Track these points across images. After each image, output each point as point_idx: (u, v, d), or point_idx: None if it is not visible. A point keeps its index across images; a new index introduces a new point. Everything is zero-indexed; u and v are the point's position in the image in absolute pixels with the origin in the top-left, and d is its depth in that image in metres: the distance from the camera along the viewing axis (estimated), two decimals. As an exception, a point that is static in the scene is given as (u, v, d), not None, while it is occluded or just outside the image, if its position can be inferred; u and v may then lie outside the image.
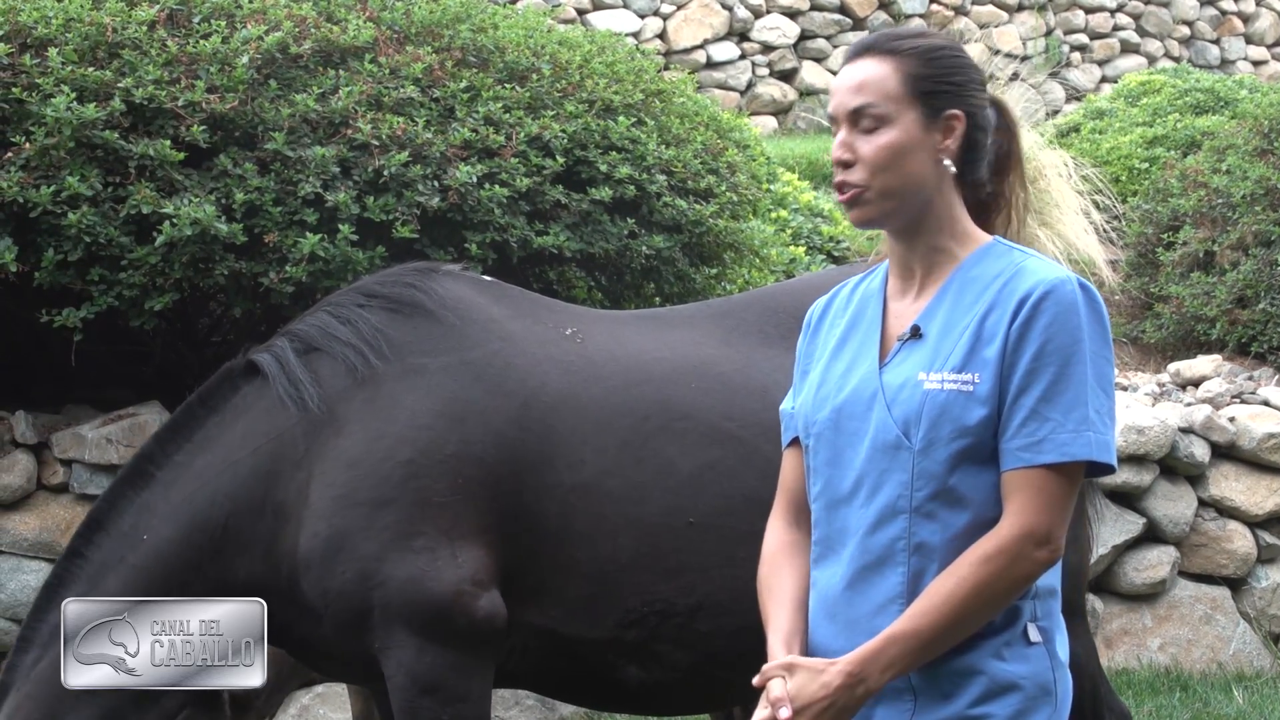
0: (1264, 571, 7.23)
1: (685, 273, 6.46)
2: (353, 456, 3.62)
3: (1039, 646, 2.49)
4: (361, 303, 3.83)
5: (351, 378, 3.69)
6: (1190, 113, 11.77)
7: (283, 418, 3.69)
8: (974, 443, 2.43)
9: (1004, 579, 2.40)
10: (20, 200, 5.08)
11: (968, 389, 2.43)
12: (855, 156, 2.52)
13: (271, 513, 3.67)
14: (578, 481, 3.68)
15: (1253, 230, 9.09)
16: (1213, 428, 7.18)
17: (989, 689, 2.44)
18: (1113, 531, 6.95)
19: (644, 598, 3.70)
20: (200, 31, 5.67)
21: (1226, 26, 16.97)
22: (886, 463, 2.48)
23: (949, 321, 2.50)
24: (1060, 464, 2.41)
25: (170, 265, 5.22)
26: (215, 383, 3.83)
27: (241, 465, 3.71)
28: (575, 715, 6.37)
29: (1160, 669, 6.94)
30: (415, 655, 3.59)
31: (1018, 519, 2.40)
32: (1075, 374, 2.41)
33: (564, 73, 6.34)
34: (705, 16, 14.02)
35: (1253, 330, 9.01)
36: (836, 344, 2.65)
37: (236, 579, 3.69)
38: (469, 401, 3.68)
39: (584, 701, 4.24)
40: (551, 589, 3.70)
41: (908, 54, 2.55)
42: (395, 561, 3.57)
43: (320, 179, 5.38)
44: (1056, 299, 2.42)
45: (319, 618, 3.64)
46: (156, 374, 6.18)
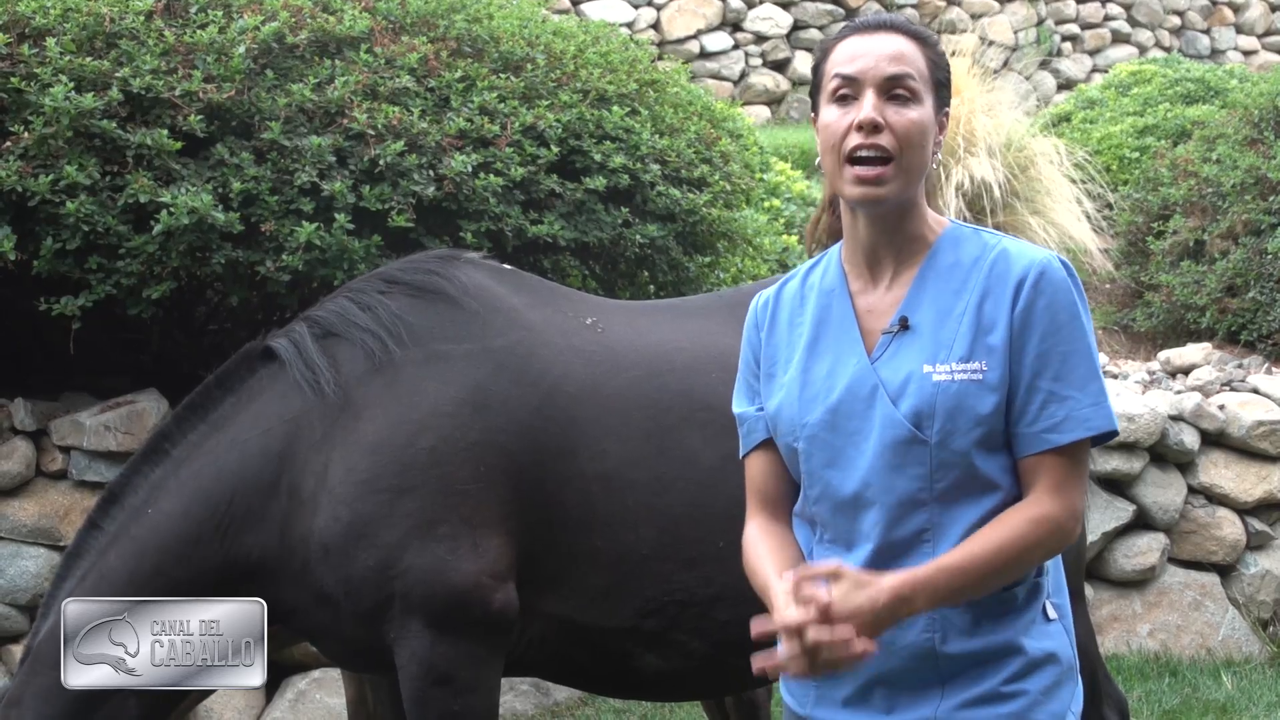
0: (1253, 558, 7.24)
1: (679, 261, 6.46)
2: (374, 442, 3.60)
3: (1058, 623, 2.52)
4: (383, 289, 3.81)
5: (370, 363, 3.67)
6: (1181, 102, 11.78)
7: (298, 401, 3.68)
8: (990, 430, 2.43)
9: (1044, 546, 2.42)
10: (19, 189, 5.08)
11: (978, 377, 2.43)
12: (886, 123, 2.45)
13: (287, 494, 3.65)
14: (600, 471, 3.67)
15: (1242, 219, 9.11)
16: (1202, 415, 7.20)
17: (1022, 666, 2.45)
18: (1103, 518, 6.96)
19: (664, 587, 3.69)
20: (197, 21, 5.67)
21: (1217, 16, 16.97)
22: (899, 458, 2.46)
23: (940, 310, 2.48)
24: (1083, 440, 2.44)
25: (168, 254, 5.22)
26: (233, 365, 3.82)
27: (250, 444, 3.69)
28: (570, 699, 6.38)
29: (1150, 655, 6.96)
30: (430, 645, 3.57)
31: (1058, 496, 2.42)
32: (1082, 349, 2.43)
33: (558, 63, 6.35)
34: (699, 7, 14.01)
35: (1242, 319, 9.02)
36: (808, 344, 2.60)
37: (246, 557, 3.66)
38: (493, 390, 3.67)
39: (598, 689, 4.23)
40: (571, 578, 3.70)
41: (931, 44, 2.56)
42: (417, 550, 3.55)
43: (316, 168, 5.38)
44: (1050, 279, 2.43)
45: (335, 603, 3.62)
46: (154, 362, 6.19)
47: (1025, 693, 2.44)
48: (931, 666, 2.47)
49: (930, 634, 2.46)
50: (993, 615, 2.46)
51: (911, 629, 2.45)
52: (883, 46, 2.50)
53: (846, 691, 2.54)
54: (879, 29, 2.54)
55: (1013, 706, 2.44)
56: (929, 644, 2.46)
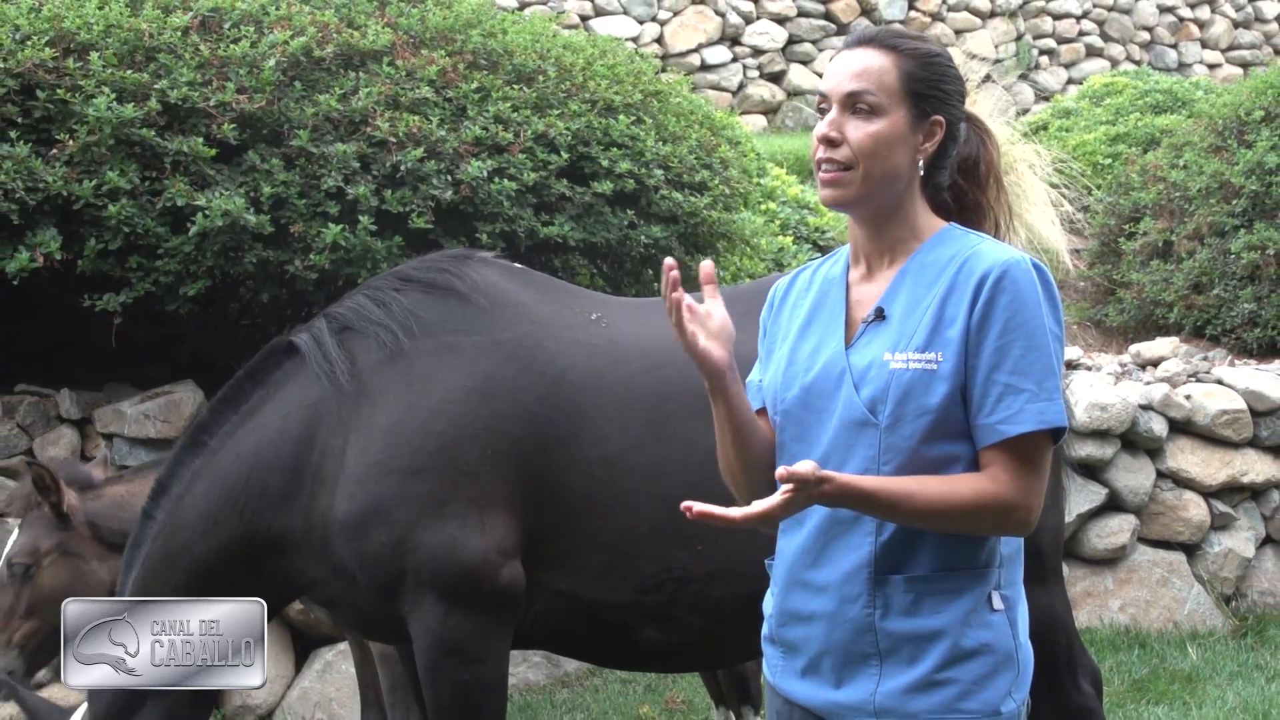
0: (1217, 538, 7.24)
1: (681, 261, 6.46)
2: (388, 426, 3.61)
3: (1001, 614, 2.45)
4: (398, 286, 3.82)
5: (384, 354, 3.68)
6: (1150, 112, 11.79)
7: (316, 390, 3.68)
8: (940, 418, 2.40)
9: (988, 519, 2.38)
10: (64, 193, 5.10)
11: (932, 367, 2.40)
12: (843, 137, 2.46)
13: (311, 476, 3.66)
14: (602, 456, 3.66)
15: (1208, 221, 9.12)
16: (1170, 405, 7.20)
17: (954, 655, 2.41)
18: (1078, 501, 6.97)
19: (662, 565, 3.69)
20: (230, 36, 5.67)
21: (1184, 32, 16.95)
22: (853, 438, 2.44)
23: (910, 303, 2.47)
24: (1037, 432, 2.38)
25: (203, 254, 5.23)
26: (260, 359, 3.83)
27: (268, 429, 3.71)
28: (579, 670, 6.40)
29: (1120, 628, 6.96)
30: (441, 619, 3.58)
31: (1010, 482, 2.37)
32: (1040, 346, 2.38)
33: (568, 74, 6.35)
34: (700, 22, 14.00)
35: (1208, 314, 9.04)
36: (802, 325, 2.61)
37: (265, 531, 3.68)
38: (500, 380, 3.67)
39: (601, 661, 4.22)
40: (576, 556, 3.70)
41: (908, 53, 2.51)
42: (427, 528, 3.56)
43: (342, 173, 5.39)
44: (1013, 278, 2.39)
45: (351, 577, 3.63)
46: (190, 355, 6.20)
47: (956, 681, 2.40)
48: (871, 641, 2.44)
49: (871, 610, 2.44)
50: (934, 597, 2.42)
51: (856, 604, 2.44)
52: (851, 64, 2.50)
53: (802, 663, 2.54)
54: (858, 45, 2.53)
55: (944, 694, 2.41)
56: (869, 619, 2.44)
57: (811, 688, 2.54)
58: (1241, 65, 17.04)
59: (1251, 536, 7.31)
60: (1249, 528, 7.32)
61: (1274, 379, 7.42)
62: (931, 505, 2.36)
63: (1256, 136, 9.20)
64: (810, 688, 2.54)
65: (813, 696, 2.54)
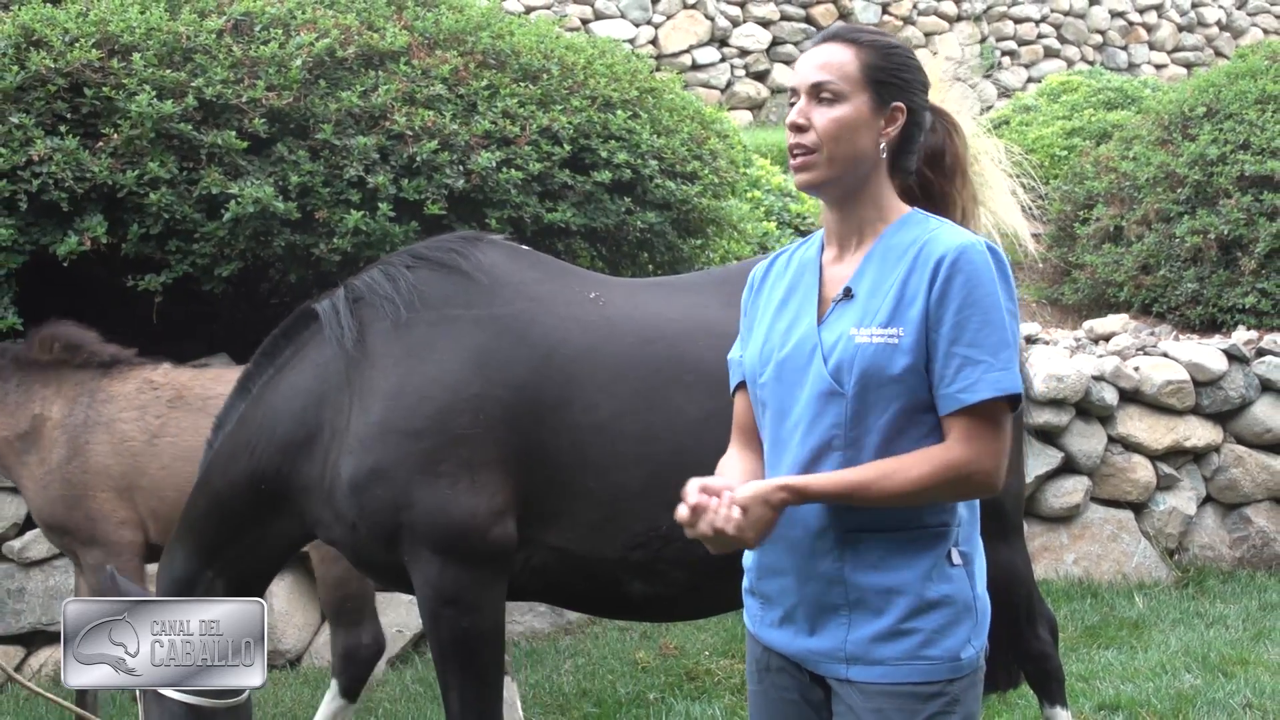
0: (1162, 498, 7.24)
1: (674, 244, 6.44)
2: (388, 390, 3.59)
3: (960, 568, 2.43)
4: (409, 263, 3.81)
5: (390, 323, 3.68)
6: (1103, 108, 11.74)
7: (329, 350, 3.69)
8: (902, 388, 2.37)
9: (949, 487, 2.35)
10: (109, 183, 5.09)
11: (894, 341, 2.36)
12: (810, 123, 2.45)
13: (327, 426, 3.66)
14: (593, 422, 3.63)
15: (1155, 208, 9.10)
16: (1120, 376, 7.18)
17: (917, 606, 2.39)
18: (1036, 464, 6.96)
19: (650, 523, 3.65)
20: (260, 38, 5.65)
21: (1133, 35, 16.90)
22: (821, 407, 2.41)
23: (875, 283, 2.44)
24: (996, 399, 2.34)
25: (236, 238, 5.21)
26: (293, 320, 3.85)
27: (282, 381, 3.74)
28: (580, 620, 6.39)
29: (1074, 580, 6.96)
30: (438, 571, 3.57)
31: (967, 446, 2.34)
32: (995, 320, 2.35)
33: (570, 73, 6.31)
34: (691, 25, 13.95)
35: (1155, 293, 9.03)
36: (779, 304, 2.58)
37: (275, 472, 3.71)
38: (494, 351, 3.65)
39: (594, 612, 4.20)
40: (568, 514, 3.67)
41: (867, 45, 2.48)
42: (421, 486, 3.53)
43: (362, 164, 5.37)
44: (968, 259, 2.35)
45: (354, 527, 3.63)
46: (224, 330, 6.19)
47: (920, 630, 2.38)
48: (841, 593, 2.43)
49: (840, 563, 2.42)
50: (897, 553, 2.40)
51: (826, 559, 2.43)
52: (816, 57, 2.48)
53: (778, 614, 2.53)
54: (823, 40, 2.52)
55: (909, 643, 2.39)
56: (839, 572, 2.42)
57: (787, 636, 2.53)
58: (1186, 66, 17.00)
59: (1193, 496, 7.31)
60: (1191, 488, 7.32)
61: (1214, 352, 7.40)
62: (890, 491, 2.34)
63: (1199, 131, 9.18)
64: (786, 636, 2.53)
65: (789, 644, 2.52)
